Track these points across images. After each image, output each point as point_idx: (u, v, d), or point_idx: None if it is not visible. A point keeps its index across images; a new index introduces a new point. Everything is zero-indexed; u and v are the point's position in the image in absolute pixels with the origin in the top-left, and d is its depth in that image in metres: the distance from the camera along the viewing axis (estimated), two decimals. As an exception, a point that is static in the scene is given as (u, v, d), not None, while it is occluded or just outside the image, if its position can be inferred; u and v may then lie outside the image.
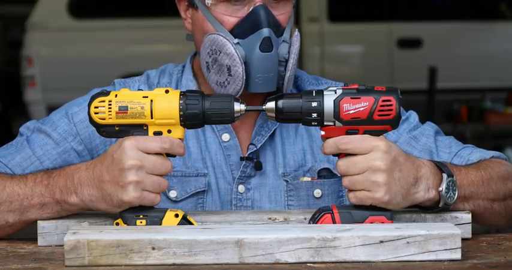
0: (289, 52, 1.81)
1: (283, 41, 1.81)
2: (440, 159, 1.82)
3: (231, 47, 1.76)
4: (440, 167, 1.65)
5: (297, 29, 1.86)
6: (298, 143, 1.91)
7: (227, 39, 1.77)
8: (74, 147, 1.85)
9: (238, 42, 1.78)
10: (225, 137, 1.89)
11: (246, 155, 1.87)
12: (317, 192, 1.88)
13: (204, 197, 1.86)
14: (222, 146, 1.89)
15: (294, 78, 1.88)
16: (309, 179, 1.89)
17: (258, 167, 1.87)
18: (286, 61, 1.80)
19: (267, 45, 1.77)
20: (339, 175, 1.87)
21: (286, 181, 1.88)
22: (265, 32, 1.77)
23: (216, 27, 1.80)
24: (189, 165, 1.88)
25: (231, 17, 1.79)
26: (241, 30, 1.78)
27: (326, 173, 1.90)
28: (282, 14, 1.82)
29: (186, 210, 1.82)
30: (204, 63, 1.83)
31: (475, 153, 1.85)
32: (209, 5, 1.80)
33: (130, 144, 1.55)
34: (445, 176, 1.63)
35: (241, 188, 1.87)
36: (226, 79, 1.79)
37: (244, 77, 1.77)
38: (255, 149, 1.87)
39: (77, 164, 1.67)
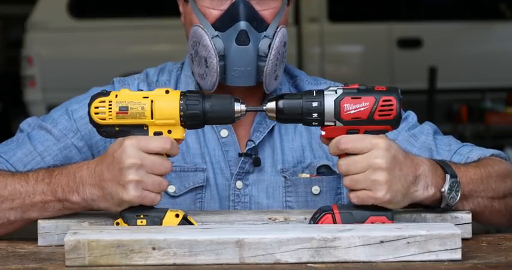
0: (269, 47, 1.81)
1: (265, 36, 1.81)
2: (440, 156, 1.82)
3: (207, 39, 1.79)
4: (444, 167, 1.65)
5: (282, 26, 1.84)
6: (297, 139, 1.91)
7: (205, 31, 1.80)
8: (74, 144, 1.85)
9: (217, 35, 1.80)
10: (224, 132, 1.89)
11: (245, 151, 1.87)
12: (315, 189, 1.88)
13: (203, 192, 1.86)
14: (220, 141, 1.89)
15: (281, 74, 1.87)
16: (308, 175, 1.89)
17: (257, 163, 1.87)
18: (267, 56, 1.80)
19: (243, 38, 1.78)
20: (338, 173, 1.87)
21: (285, 177, 1.88)
22: (242, 25, 1.78)
23: (200, 20, 1.83)
24: (188, 160, 1.88)
25: (214, 10, 1.82)
26: (222, 23, 1.81)
27: (325, 170, 1.89)
28: (267, 9, 1.82)
29: (185, 205, 1.83)
30: (189, 55, 1.88)
31: (474, 151, 1.85)
32: None
33: (130, 144, 1.55)
34: (448, 176, 1.63)
35: (239, 183, 1.87)
36: (205, 71, 1.82)
37: (218, 70, 1.79)
38: (254, 145, 1.87)
39: (79, 162, 1.67)
